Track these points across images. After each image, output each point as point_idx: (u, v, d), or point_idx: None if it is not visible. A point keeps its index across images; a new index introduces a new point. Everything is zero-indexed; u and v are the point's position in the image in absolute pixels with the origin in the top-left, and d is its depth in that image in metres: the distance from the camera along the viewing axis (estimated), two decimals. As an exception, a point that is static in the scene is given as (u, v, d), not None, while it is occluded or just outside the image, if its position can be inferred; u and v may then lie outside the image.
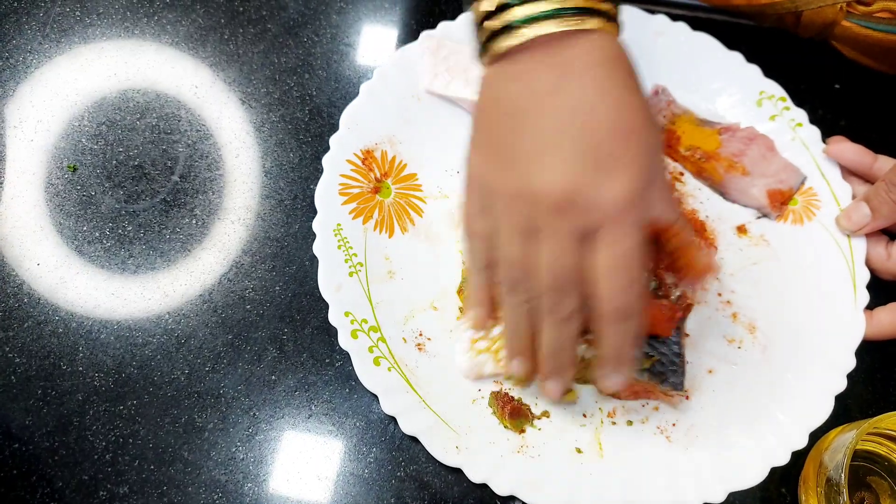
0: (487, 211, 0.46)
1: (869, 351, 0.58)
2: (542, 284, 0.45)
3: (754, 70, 0.65)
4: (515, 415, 0.53)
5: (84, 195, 0.61)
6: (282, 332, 0.57)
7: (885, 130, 0.65)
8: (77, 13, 0.67)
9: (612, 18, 0.44)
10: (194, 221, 0.60)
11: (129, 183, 0.61)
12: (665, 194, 0.46)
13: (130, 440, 0.54)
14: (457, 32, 0.64)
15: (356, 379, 0.54)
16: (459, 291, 0.57)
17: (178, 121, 0.64)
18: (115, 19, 0.67)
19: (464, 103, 0.62)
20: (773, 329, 0.58)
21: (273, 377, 0.56)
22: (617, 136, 0.42)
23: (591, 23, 0.42)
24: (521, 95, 0.44)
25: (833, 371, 0.55)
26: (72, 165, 0.61)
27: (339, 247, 0.56)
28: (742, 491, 0.52)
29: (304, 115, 0.65)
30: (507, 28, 0.43)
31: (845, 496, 0.47)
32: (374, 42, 0.68)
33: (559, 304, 0.45)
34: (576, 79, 0.42)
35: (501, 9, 0.43)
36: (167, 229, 0.60)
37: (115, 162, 0.62)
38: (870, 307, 0.58)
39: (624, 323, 0.44)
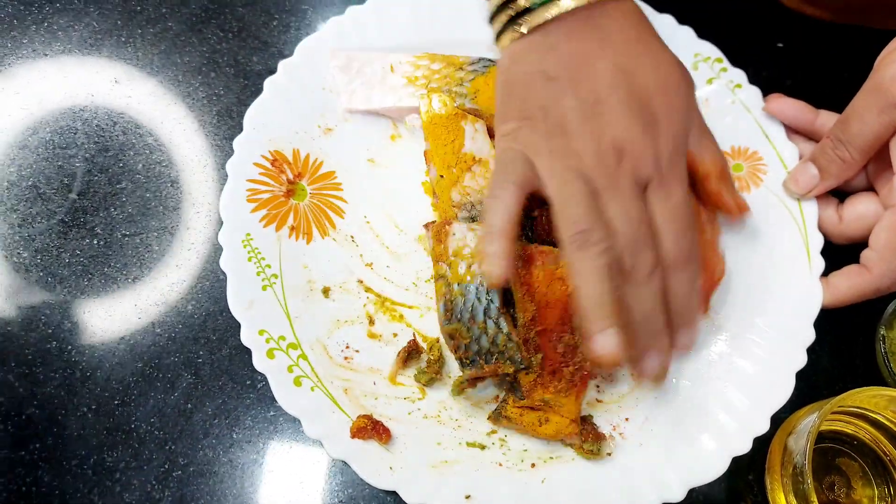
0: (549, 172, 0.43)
1: (831, 324, 0.51)
2: (617, 240, 0.41)
3: (687, 32, 0.58)
4: (599, 437, 0.46)
5: (-28, 223, 0.53)
6: (196, 355, 0.50)
7: (833, 85, 0.59)
8: (-43, 25, 0.59)
9: None
10: (96, 241, 0.53)
11: (23, 205, 0.53)
12: (705, 136, 0.46)
13: (34, 488, 0.46)
14: (367, 17, 0.57)
15: (279, 400, 0.47)
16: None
17: (74, 133, 0.56)
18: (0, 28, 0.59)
19: (389, 112, 0.55)
20: (726, 307, 0.51)
21: (189, 406, 0.48)
22: (661, 94, 0.43)
23: None
24: (561, 63, 0.43)
25: (792, 346, 0.49)
26: (-44, 191, 0.53)
27: (249, 258, 0.49)
28: (705, 484, 0.46)
29: (211, 117, 0.57)
30: (546, 2, 0.42)
31: (809, 483, 0.41)
32: (284, 34, 0.60)
33: (640, 256, 0.41)
34: (613, 44, 0.43)
35: None
36: (66, 252, 0.52)
37: (6, 183, 0.54)
38: (824, 274, 0.52)
39: (687, 269, 0.42)
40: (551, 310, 0.45)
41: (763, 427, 0.47)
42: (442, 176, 0.50)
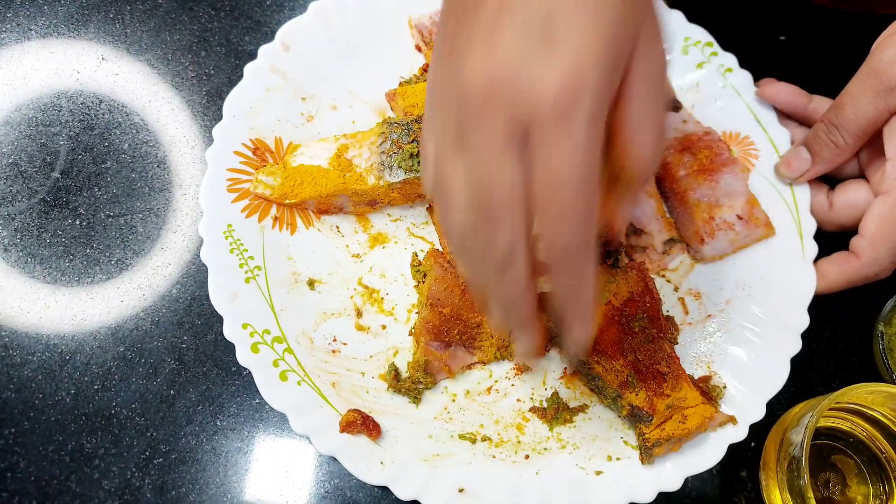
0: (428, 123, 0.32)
1: (829, 320, 0.47)
2: (459, 210, 0.29)
3: (677, 16, 0.53)
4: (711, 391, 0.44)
5: (-50, 201, 0.48)
6: (180, 340, 0.45)
7: (833, 75, 0.54)
8: (-62, -2, 0.53)
9: None
10: (78, 222, 0.48)
11: (3, 183, 0.48)
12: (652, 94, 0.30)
13: (9, 474, 0.42)
14: (350, 1, 0.51)
15: (265, 386, 0.42)
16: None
17: (58, 111, 0.51)
18: (-16, 3, 0.54)
19: None
20: (718, 294, 0.48)
21: (172, 392, 0.44)
22: None
23: None
24: None
25: (786, 332, 0.45)
26: (-67, 168, 0.48)
27: (231, 250, 0.44)
28: (700, 477, 0.42)
29: (200, 97, 0.52)
30: None
31: (805, 479, 0.37)
32: (277, 14, 0.55)
33: (492, 240, 0.29)
34: None
35: None
36: (47, 232, 0.47)
37: (-15, 161, 0.49)
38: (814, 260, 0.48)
39: (569, 256, 0.29)
40: (604, 333, 0.42)
41: (759, 414, 0.43)
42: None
